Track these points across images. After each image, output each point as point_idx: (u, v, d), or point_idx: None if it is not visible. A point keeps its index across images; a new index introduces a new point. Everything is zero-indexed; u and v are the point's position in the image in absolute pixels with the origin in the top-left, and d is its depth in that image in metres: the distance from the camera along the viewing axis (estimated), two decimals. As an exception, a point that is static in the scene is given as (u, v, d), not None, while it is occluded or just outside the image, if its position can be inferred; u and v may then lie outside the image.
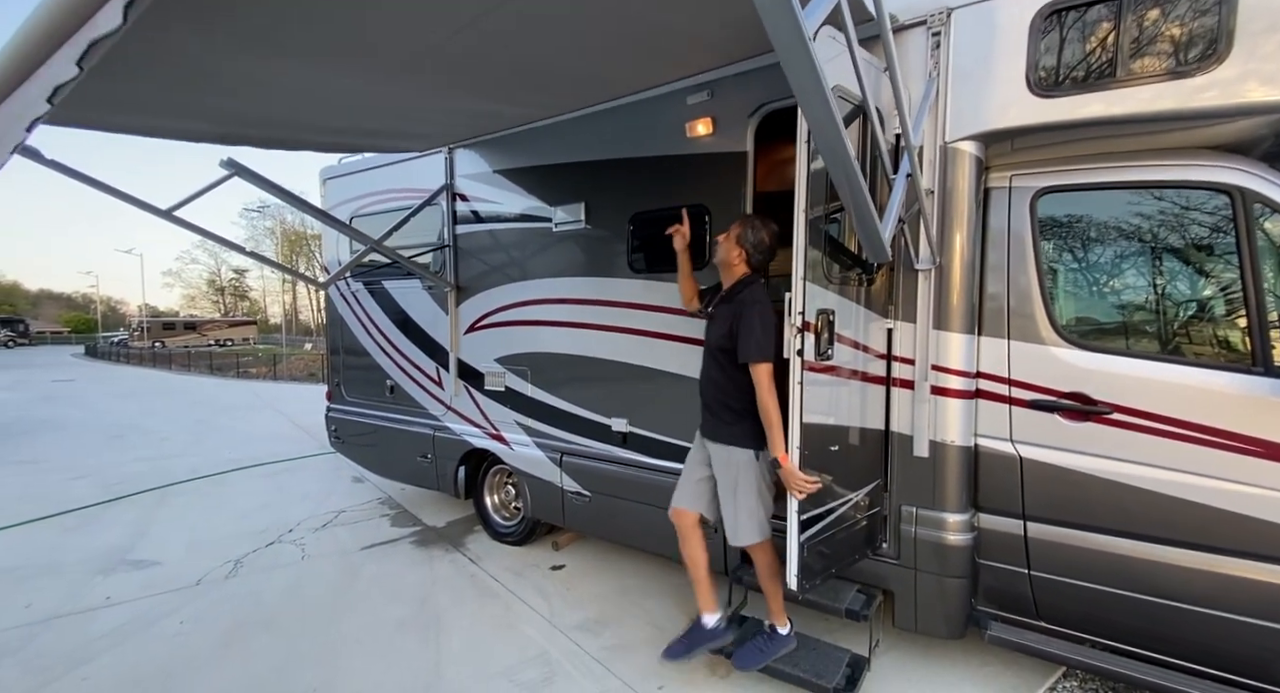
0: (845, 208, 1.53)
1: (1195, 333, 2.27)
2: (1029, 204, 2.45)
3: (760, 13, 1.02)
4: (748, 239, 2.45)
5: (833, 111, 1.22)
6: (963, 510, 2.47)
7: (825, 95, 1.18)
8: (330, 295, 5.24)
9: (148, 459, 7.12)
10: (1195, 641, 2.17)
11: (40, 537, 4.55)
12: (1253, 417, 2.02)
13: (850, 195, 1.46)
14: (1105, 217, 2.39)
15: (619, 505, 3.45)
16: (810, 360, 2.09)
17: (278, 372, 19.51)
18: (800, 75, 1.13)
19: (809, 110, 1.22)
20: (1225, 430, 2.06)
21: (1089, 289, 2.47)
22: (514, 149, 3.84)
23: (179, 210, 3.24)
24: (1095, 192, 2.36)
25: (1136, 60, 2.07)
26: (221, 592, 3.61)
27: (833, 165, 1.37)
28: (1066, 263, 2.47)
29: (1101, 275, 2.44)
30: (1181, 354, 2.22)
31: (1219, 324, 2.22)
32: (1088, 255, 2.45)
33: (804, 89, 1.18)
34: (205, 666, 2.83)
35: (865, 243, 1.66)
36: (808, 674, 2.39)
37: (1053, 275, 2.44)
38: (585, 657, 2.87)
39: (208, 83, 2.18)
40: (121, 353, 31.35)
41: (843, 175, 1.39)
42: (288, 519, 4.85)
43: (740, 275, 2.48)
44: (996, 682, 2.62)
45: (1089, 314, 2.47)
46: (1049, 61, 2.21)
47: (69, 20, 0.97)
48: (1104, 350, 2.30)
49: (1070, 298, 2.48)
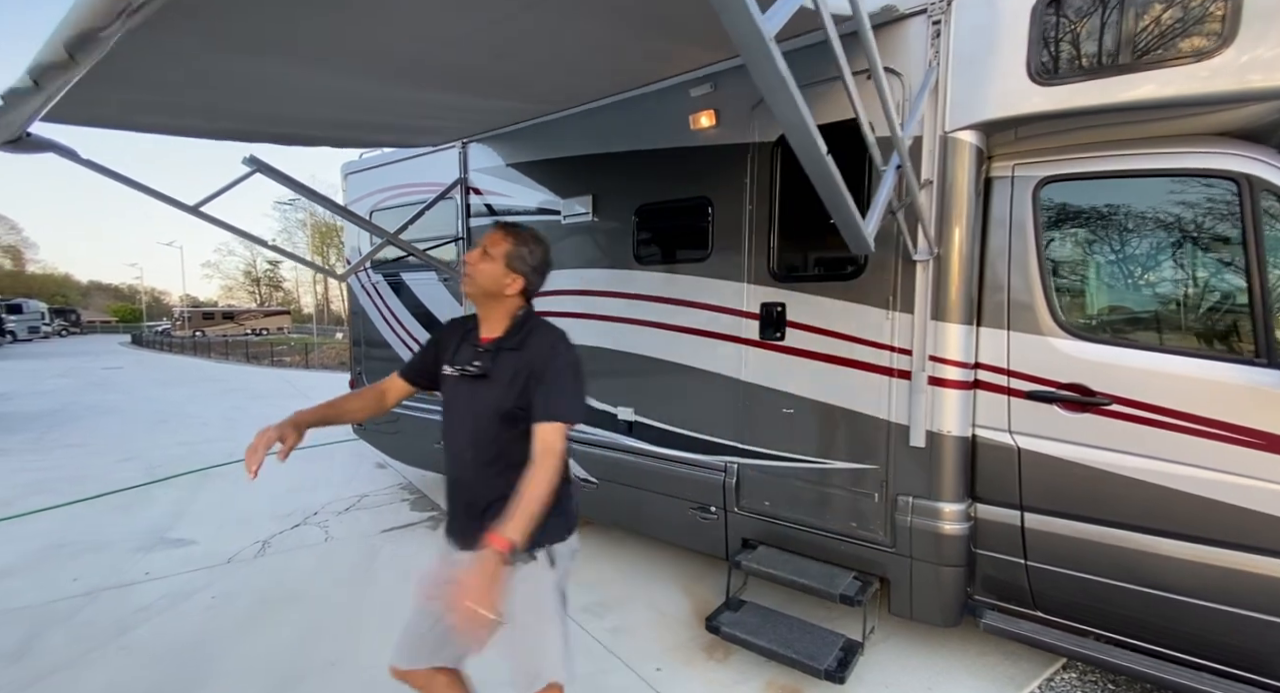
0: (825, 205, 1.55)
1: (1197, 324, 2.23)
2: (1031, 193, 2.42)
3: (720, 14, 1.06)
4: (524, 260, 1.72)
5: (801, 112, 1.24)
6: (959, 500, 2.48)
7: (791, 95, 1.20)
8: (352, 287, 5.42)
9: (187, 443, 7.47)
10: (1191, 633, 2.15)
11: (89, 516, 4.85)
12: (1254, 409, 1.99)
13: (827, 194, 1.48)
14: (1109, 206, 2.35)
15: (624, 492, 3.53)
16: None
17: (309, 360, 20.13)
18: (765, 76, 1.16)
19: (778, 111, 1.25)
20: (1226, 423, 2.03)
21: (1090, 280, 2.43)
22: (525, 143, 3.90)
23: (205, 206, 3.40)
24: (1099, 180, 2.32)
25: (1139, 46, 2.03)
26: (250, 569, 3.81)
27: (808, 164, 1.40)
28: (1068, 253, 2.44)
29: (1103, 266, 2.40)
30: (1183, 345, 2.18)
31: (1222, 315, 2.17)
32: (1090, 245, 2.41)
33: (771, 89, 1.21)
34: (235, 637, 3.01)
35: (846, 237, 1.68)
36: (801, 656, 2.44)
37: (1054, 266, 2.41)
38: (587, 638, 2.97)
39: (225, 85, 2.29)
40: (165, 342, 32.69)
41: (818, 174, 1.41)
42: (313, 503, 5.06)
43: (515, 310, 1.77)
44: (994, 672, 2.64)
45: (1090, 305, 2.43)
46: (1050, 49, 2.17)
47: None
48: (1104, 342, 2.27)
49: (1071, 289, 2.44)
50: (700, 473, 3.18)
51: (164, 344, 31.61)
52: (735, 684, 2.58)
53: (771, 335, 2.90)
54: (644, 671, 2.69)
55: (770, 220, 2.88)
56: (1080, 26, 2.12)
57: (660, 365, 3.32)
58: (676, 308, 3.24)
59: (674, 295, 3.25)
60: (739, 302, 3.00)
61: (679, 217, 3.26)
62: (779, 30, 1.12)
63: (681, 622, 3.10)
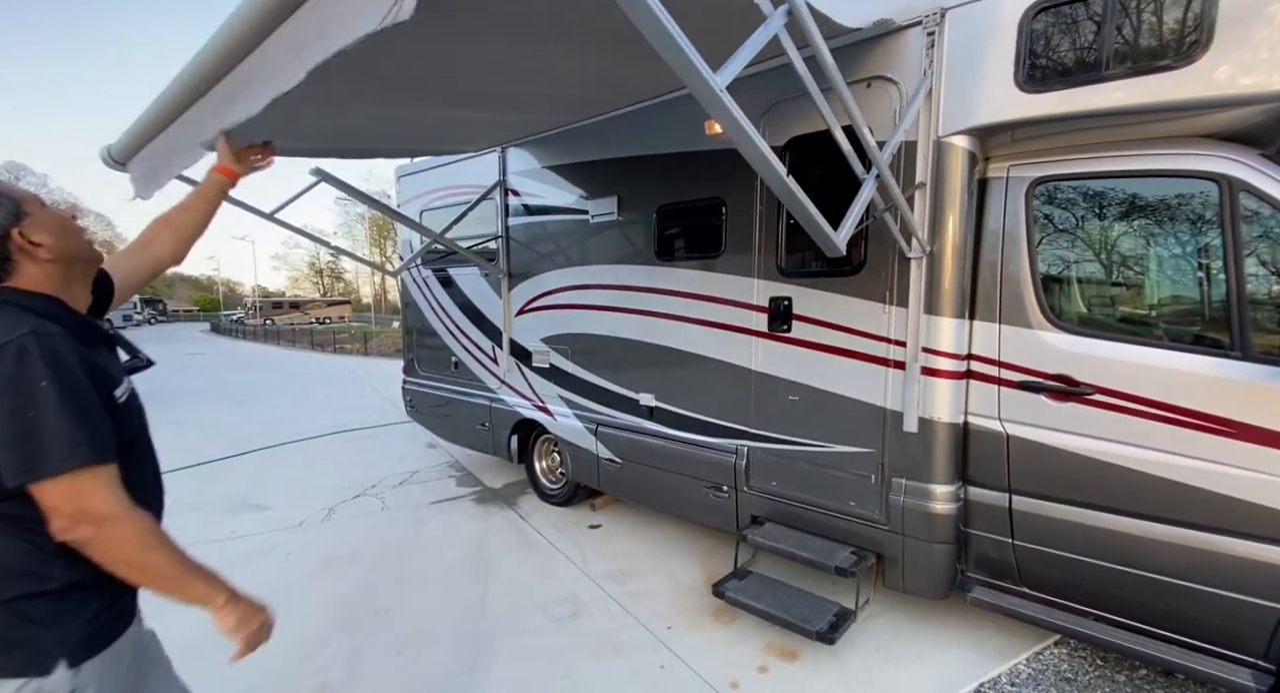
0: (795, 216, 1.77)
1: (1176, 318, 2.31)
2: (1025, 193, 2.54)
3: (679, 74, 1.31)
4: None
5: (759, 146, 1.48)
6: (949, 482, 2.64)
7: (749, 135, 1.44)
8: (404, 281, 5.89)
9: (261, 423, 8.25)
10: (1166, 610, 2.27)
11: (185, 483, 5.53)
12: (1228, 399, 2.09)
13: (793, 207, 1.70)
14: (1097, 205, 2.45)
15: (645, 472, 3.82)
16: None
17: (368, 348, 21.31)
18: (723, 120, 1.41)
19: (742, 148, 1.48)
20: (1201, 412, 2.13)
21: (1077, 276, 2.54)
22: (558, 147, 4.20)
23: (279, 212, 3.88)
24: (1088, 181, 2.43)
25: (1120, 54, 2.13)
26: (318, 532, 4.33)
27: (773, 184, 1.62)
28: (1057, 250, 2.55)
29: (1090, 262, 2.51)
30: (1162, 339, 2.28)
31: (1200, 310, 2.26)
32: (1077, 243, 2.51)
33: (731, 129, 1.45)
34: (306, 585, 3.50)
35: (817, 241, 1.89)
36: (796, 619, 2.68)
37: (1044, 262, 2.53)
38: (608, 600, 3.29)
39: (309, 116, 2.68)
40: (239, 329, 35.14)
41: (782, 192, 1.63)
42: (371, 477, 5.60)
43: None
44: (984, 645, 2.80)
45: (1076, 300, 2.54)
46: (1036, 58, 2.29)
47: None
48: (1088, 335, 2.39)
49: (1059, 284, 2.55)
50: (714, 455, 3.44)
51: (238, 331, 34.00)
52: (737, 644, 2.85)
53: (779, 328, 3.11)
54: (656, 629, 2.99)
55: (778, 219, 3.08)
56: (1063, 37, 2.23)
57: (678, 355, 3.58)
58: (693, 301, 3.48)
59: (691, 289, 3.49)
60: (749, 296, 3.22)
61: (695, 216, 3.50)
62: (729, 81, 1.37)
63: (694, 590, 3.38)
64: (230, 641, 1.24)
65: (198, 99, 1.93)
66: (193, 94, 1.92)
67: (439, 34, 1.95)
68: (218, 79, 1.80)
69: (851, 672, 2.62)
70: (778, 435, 3.17)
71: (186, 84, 1.89)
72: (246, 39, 1.58)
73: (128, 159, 2.48)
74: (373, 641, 2.91)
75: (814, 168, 2.84)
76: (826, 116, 1.88)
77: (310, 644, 2.87)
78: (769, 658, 2.73)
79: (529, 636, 2.95)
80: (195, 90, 1.90)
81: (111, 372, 1.21)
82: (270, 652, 3.02)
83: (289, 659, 2.73)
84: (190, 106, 1.98)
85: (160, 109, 2.08)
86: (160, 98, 2.05)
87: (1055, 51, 2.25)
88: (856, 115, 1.90)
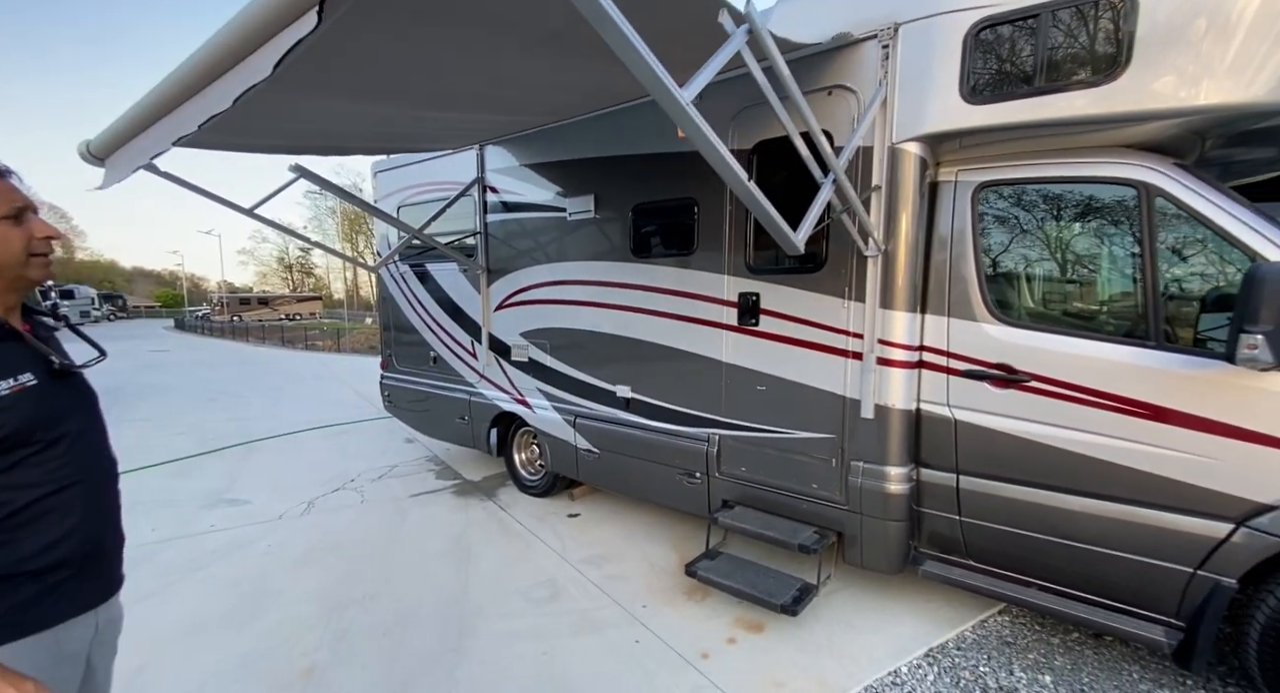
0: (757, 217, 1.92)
1: (1101, 311, 2.55)
2: (971, 196, 2.75)
3: (647, 88, 1.45)
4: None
5: (724, 158, 1.63)
6: (903, 465, 2.85)
7: (713, 144, 1.59)
8: (382, 276, 5.92)
9: (235, 419, 8.16)
10: (1097, 577, 2.51)
11: (157, 480, 5.49)
12: (1144, 384, 2.32)
13: (755, 210, 1.86)
14: (1034, 208, 2.67)
15: (622, 461, 3.97)
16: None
17: (341, 345, 21.01)
18: (691, 131, 1.55)
19: (707, 155, 1.63)
20: (1122, 396, 2.36)
21: (1017, 272, 2.76)
22: (536, 146, 4.31)
23: (259, 208, 3.90)
24: (1027, 185, 2.64)
25: (1052, 71, 2.34)
26: (297, 525, 4.37)
27: (736, 190, 1.78)
28: (999, 248, 2.76)
29: (1027, 260, 2.73)
30: (1088, 330, 2.51)
31: (1121, 303, 2.49)
32: (1017, 242, 2.73)
33: (697, 138, 1.60)
34: (288, 574, 3.56)
35: (778, 240, 2.05)
36: (761, 594, 2.87)
37: (988, 260, 2.74)
38: (586, 582, 3.43)
39: (288, 116, 2.75)
40: (205, 326, 34.22)
41: (744, 195, 1.79)
42: (349, 471, 5.63)
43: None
44: (936, 615, 3.02)
45: (1014, 294, 2.76)
46: (978, 72, 2.49)
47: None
48: (1025, 326, 2.61)
49: (1000, 280, 2.77)
50: (687, 443, 3.60)
51: (204, 328, 33.10)
52: (707, 619, 3.02)
53: (748, 322, 3.28)
54: (631, 607, 3.14)
55: (746, 219, 3.24)
56: (1003, 54, 2.43)
57: (654, 348, 3.73)
58: (667, 297, 3.63)
59: (665, 286, 3.65)
60: (720, 291, 3.39)
61: (669, 215, 3.65)
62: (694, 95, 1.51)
63: (669, 572, 3.54)
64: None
65: (186, 101, 2.00)
66: (183, 95, 1.99)
67: (418, 39, 2.05)
68: (208, 83, 1.88)
69: (813, 641, 2.81)
70: (747, 424, 3.35)
71: (177, 86, 1.96)
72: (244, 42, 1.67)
73: (107, 155, 2.52)
74: (358, 625, 3.00)
75: (780, 171, 3.01)
76: (786, 124, 2.04)
77: (296, 630, 2.95)
78: (737, 631, 2.91)
79: (510, 618, 3.08)
80: (185, 92, 1.97)
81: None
82: (257, 637, 3.12)
83: (275, 643, 2.82)
84: (177, 108, 2.05)
85: (146, 109, 2.14)
86: (148, 98, 2.11)
87: (995, 67, 2.45)
88: (812, 123, 2.07)
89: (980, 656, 2.69)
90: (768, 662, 2.67)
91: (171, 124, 2.03)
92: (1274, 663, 2.13)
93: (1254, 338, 1.88)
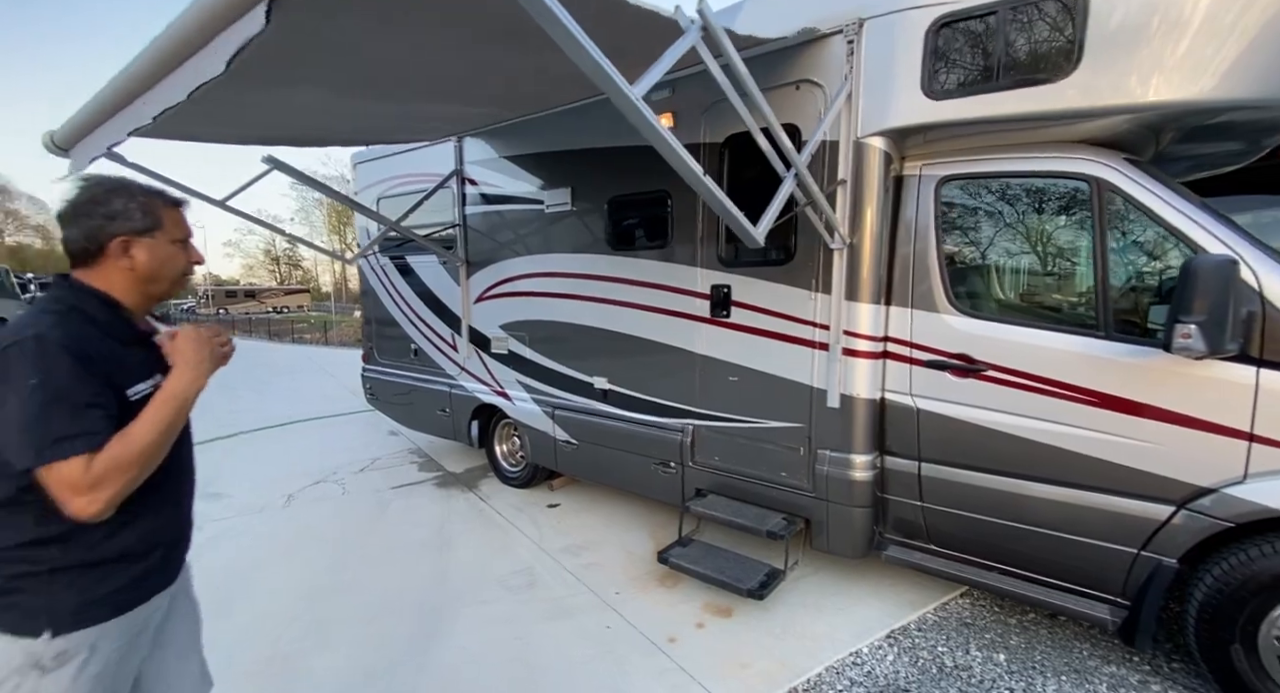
0: (715, 211, 1.97)
1: (1054, 302, 2.63)
2: (934, 190, 2.81)
3: (600, 87, 1.49)
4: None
5: (677, 152, 1.67)
6: (868, 452, 2.93)
7: (665, 139, 1.63)
8: (362, 269, 5.91)
9: (218, 413, 8.12)
10: (1050, 559, 2.60)
11: (136, 472, 5.49)
12: (1093, 373, 2.40)
13: (713, 204, 1.90)
14: (993, 201, 2.74)
15: (600, 452, 4.03)
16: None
17: (328, 337, 20.90)
18: (642, 127, 1.59)
19: (660, 150, 1.67)
20: (1073, 384, 2.44)
21: (976, 264, 2.83)
22: (512, 138, 4.31)
23: (231, 200, 3.90)
24: (986, 179, 2.71)
25: (1007, 68, 2.39)
26: (281, 516, 4.40)
27: (691, 184, 1.82)
28: (960, 241, 2.83)
29: (985, 252, 2.80)
30: (1042, 320, 2.59)
31: (1073, 295, 2.57)
32: (976, 235, 2.80)
33: (649, 134, 1.64)
34: (274, 564, 3.61)
35: (738, 234, 2.10)
36: (730, 579, 2.94)
37: (949, 252, 2.81)
38: (563, 571, 3.50)
39: (258, 106, 2.75)
40: (190, 319, 33.85)
41: (701, 191, 1.83)
42: (332, 464, 5.66)
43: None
44: (899, 598, 3.11)
45: (974, 286, 2.83)
46: (939, 68, 2.54)
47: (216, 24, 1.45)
48: (983, 317, 2.68)
49: (960, 272, 2.84)
50: (662, 433, 3.66)
51: (190, 321, 32.72)
52: (679, 604, 3.10)
53: (720, 313, 3.33)
54: (605, 594, 3.21)
55: (718, 212, 3.29)
56: (961, 51, 2.48)
57: (629, 340, 3.78)
58: (642, 289, 3.68)
59: (640, 278, 3.69)
60: (693, 284, 3.44)
61: (644, 208, 3.68)
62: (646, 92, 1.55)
63: (643, 560, 3.61)
64: None
65: (147, 90, 2.01)
66: (139, 88, 1.99)
67: (380, 35, 2.07)
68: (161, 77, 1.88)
69: (778, 624, 2.89)
70: (719, 414, 3.41)
71: (133, 80, 1.96)
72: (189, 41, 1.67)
73: (71, 145, 2.52)
74: (340, 613, 3.05)
75: (753, 164, 3.04)
76: (746, 119, 2.08)
77: (280, 618, 2.99)
78: (706, 615, 2.99)
79: (487, 605, 3.14)
80: (140, 86, 1.97)
81: (129, 370, 1.27)
82: (240, 625, 3.15)
83: (259, 631, 2.86)
84: (138, 97, 2.05)
85: (104, 100, 2.14)
86: (106, 89, 2.11)
87: (954, 63, 2.50)
88: (771, 119, 2.11)
89: (939, 636, 2.79)
90: (734, 645, 2.75)
91: (128, 116, 2.03)
92: (1210, 639, 2.23)
93: (1188, 327, 1.95)
